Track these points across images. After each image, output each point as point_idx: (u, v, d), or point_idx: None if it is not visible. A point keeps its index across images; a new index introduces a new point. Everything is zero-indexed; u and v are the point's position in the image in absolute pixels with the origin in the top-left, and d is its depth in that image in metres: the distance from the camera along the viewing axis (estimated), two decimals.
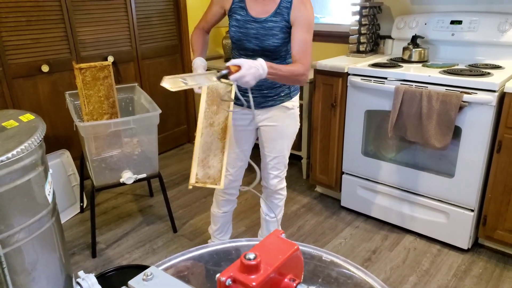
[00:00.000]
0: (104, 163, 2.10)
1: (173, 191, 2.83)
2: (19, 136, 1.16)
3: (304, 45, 1.55)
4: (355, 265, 0.78)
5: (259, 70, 1.38)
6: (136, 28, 3.02)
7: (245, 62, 1.36)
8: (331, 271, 0.77)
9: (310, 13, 1.56)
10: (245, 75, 1.35)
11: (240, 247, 0.83)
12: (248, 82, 1.37)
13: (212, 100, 1.59)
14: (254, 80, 1.39)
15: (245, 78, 1.35)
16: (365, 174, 2.41)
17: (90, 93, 2.05)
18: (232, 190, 1.96)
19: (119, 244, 2.29)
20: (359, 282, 0.75)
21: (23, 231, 1.13)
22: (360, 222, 2.48)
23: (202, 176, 1.57)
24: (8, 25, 2.39)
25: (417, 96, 2.03)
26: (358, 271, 0.77)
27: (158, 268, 0.76)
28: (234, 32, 1.65)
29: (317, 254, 0.81)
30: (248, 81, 1.36)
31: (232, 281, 0.57)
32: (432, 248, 2.21)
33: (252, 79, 1.38)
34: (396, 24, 2.55)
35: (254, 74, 1.37)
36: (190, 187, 1.55)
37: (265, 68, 1.40)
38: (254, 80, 1.39)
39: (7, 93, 2.47)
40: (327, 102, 2.43)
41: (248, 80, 1.36)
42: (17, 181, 1.11)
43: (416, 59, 2.36)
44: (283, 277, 0.61)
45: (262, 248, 0.61)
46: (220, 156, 1.60)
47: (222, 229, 2.08)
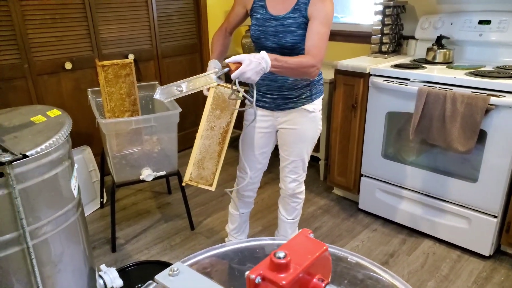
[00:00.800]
0: (124, 160, 2.13)
1: (190, 189, 2.85)
2: (47, 131, 1.18)
3: (318, 37, 1.50)
4: (381, 267, 0.77)
5: (261, 64, 1.33)
6: (156, 26, 3.05)
7: (245, 57, 1.32)
8: (356, 272, 0.76)
9: (328, 7, 1.51)
10: (245, 71, 1.30)
11: (264, 245, 0.83)
12: (250, 78, 1.32)
13: (217, 105, 1.61)
14: (256, 75, 1.34)
15: (246, 74, 1.31)
16: (384, 177, 2.38)
17: (112, 90, 2.08)
18: (249, 192, 1.96)
19: (138, 239, 2.31)
20: (385, 284, 0.74)
21: (50, 223, 1.16)
22: (378, 225, 2.45)
23: (195, 176, 1.64)
24: (34, 23, 2.44)
25: (441, 98, 1.99)
26: (384, 274, 0.76)
27: (183, 264, 0.77)
28: (253, 30, 1.66)
29: (342, 256, 0.80)
30: (249, 77, 1.32)
31: (262, 279, 0.57)
32: (452, 254, 2.17)
33: (254, 75, 1.32)
34: (421, 24, 2.51)
35: (254, 69, 1.32)
36: (184, 184, 1.63)
37: (268, 61, 1.35)
38: (256, 75, 1.33)
39: (32, 89, 2.53)
40: (347, 103, 2.41)
41: (249, 76, 1.31)
42: (45, 175, 1.13)
43: (440, 60, 2.31)
44: (311, 277, 0.61)
45: (291, 247, 0.61)
46: (216, 160, 1.65)
47: (239, 228, 2.08)
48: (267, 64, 1.35)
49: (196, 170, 1.62)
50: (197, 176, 1.63)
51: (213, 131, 1.61)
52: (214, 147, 1.63)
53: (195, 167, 1.61)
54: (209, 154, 1.63)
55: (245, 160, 1.85)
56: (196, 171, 1.62)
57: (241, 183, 1.91)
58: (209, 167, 1.64)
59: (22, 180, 1.07)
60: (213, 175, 1.64)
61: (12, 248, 1.10)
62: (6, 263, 1.10)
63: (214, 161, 1.64)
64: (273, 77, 1.67)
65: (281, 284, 0.55)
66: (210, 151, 1.63)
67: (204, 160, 1.62)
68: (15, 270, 1.12)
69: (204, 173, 1.64)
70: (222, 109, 1.60)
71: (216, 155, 1.64)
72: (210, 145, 1.61)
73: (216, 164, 1.64)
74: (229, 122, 1.62)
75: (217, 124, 1.61)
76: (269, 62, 1.36)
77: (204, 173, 1.64)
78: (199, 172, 1.63)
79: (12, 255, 1.10)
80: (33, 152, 1.08)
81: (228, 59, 1.34)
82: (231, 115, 1.62)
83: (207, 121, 1.58)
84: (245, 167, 1.87)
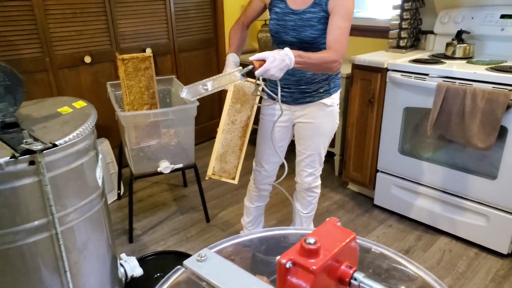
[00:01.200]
0: (142, 152, 2.16)
1: (206, 182, 2.88)
2: (74, 122, 1.21)
3: (339, 32, 1.49)
4: (406, 258, 0.78)
5: (285, 60, 1.33)
6: (173, 20, 3.07)
7: (269, 55, 1.32)
8: (381, 262, 0.77)
9: (349, 1, 1.51)
10: (269, 68, 1.31)
11: (288, 235, 0.84)
12: (274, 75, 1.33)
13: (237, 99, 1.62)
14: (280, 72, 1.34)
15: (270, 71, 1.31)
16: (401, 172, 2.37)
17: (131, 83, 2.11)
18: (265, 185, 1.97)
19: (154, 231, 2.35)
20: (410, 274, 0.75)
21: (76, 211, 1.19)
22: (393, 221, 2.44)
23: (218, 170, 1.67)
24: (55, 17, 2.49)
25: (460, 93, 1.97)
26: (409, 264, 0.77)
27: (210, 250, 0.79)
28: (272, 25, 1.65)
29: (366, 246, 0.81)
30: (273, 74, 1.32)
31: (292, 264, 0.58)
32: (468, 251, 2.16)
33: (278, 71, 1.33)
34: (440, 19, 2.48)
35: (278, 66, 1.32)
36: (207, 178, 1.68)
37: (292, 58, 1.35)
38: (280, 72, 1.34)
39: (53, 82, 2.58)
40: (364, 97, 2.40)
41: (273, 73, 1.32)
42: (72, 164, 1.16)
43: (460, 55, 2.29)
44: (339, 264, 0.62)
45: (320, 234, 0.62)
46: (237, 153, 1.68)
47: (255, 221, 2.10)
48: (290, 60, 1.35)
49: (218, 164, 1.65)
50: (219, 169, 1.66)
51: (234, 125, 1.63)
52: (235, 140, 1.65)
53: (218, 161, 1.64)
54: (231, 148, 1.65)
55: (261, 154, 1.87)
56: (219, 165, 1.65)
57: (257, 177, 1.92)
58: (231, 160, 1.67)
59: (51, 169, 1.10)
60: (236, 169, 1.67)
61: (41, 234, 1.13)
62: (35, 248, 1.14)
63: (236, 155, 1.67)
64: (291, 71, 1.65)
65: (312, 269, 0.57)
66: (232, 145, 1.65)
67: (226, 154, 1.65)
68: (43, 255, 1.15)
69: (227, 167, 1.67)
70: (242, 103, 1.62)
71: (238, 148, 1.67)
72: (231, 139, 1.63)
73: (238, 157, 1.67)
74: (249, 115, 1.63)
75: (238, 118, 1.63)
76: (292, 58, 1.36)
77: (226, 167, 1.67)
78: (222, 166, 1.66)
79: (41, 240, 1.14)
80: (61, 141, 1.11)
81: (252, 56, 1.35)
82: (251, 109, 1.63)
83: (228, 115, 1.60)
84: (261, 161, 1.88)
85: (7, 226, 1.09)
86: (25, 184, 1.08)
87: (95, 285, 1.32)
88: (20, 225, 1.11)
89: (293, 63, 1.37)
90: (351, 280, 0.61)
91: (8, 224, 1.09)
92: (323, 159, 1.87)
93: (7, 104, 1.20)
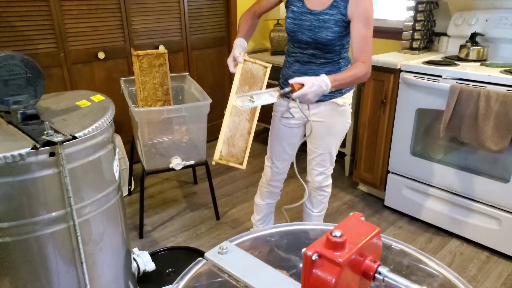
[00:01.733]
0: (154, 148, 2.17)
1: (216, 179, 2.89)
2: (92, 115, 1.23)
3: (364, 42, 1.52)
4: (426, 255, 0.78)
5: (322, 87, 1.40)
6: (187, 18, 3.09)
7: (308, 80, 1.38)
8: (402, 259, 0.78)
9: (369, 6, 1.51)
10: (307, 93, 1.38)
11: (308, 230, 0.85)
12: (310, 99, 1.40)
13: (245, 80, 1.58)
14: (316, 97, 1.41)
15: (307, 96, 1.38)
16: (412, 174, 2.36)
17: (145, 79, 2.13)
18: (276, 182, 1.97)
19: (164, 227, 2.37)
20: (431, 271, 0.75)
21: (93, 204, 1.20)
22: (404, 223, 2.43)
23: (226, 154, 1.58)
24: (71, 13, 2.51)
25: (474, 96, 1.96)
26: (429, 261, 0.77)
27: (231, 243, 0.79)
28: (289, 23, 1.64)
29: (386, 243, 0.81)
30: (310, 98, 1.40)
31: (318, 256, 0.59)
32: (480, 255, 2.14)
33: (314, 97, 1.40)
34: (454, 21, 2.47)
35: (316, 91, 1.39)
36: (214, 163, 1.58)
37: (328, 84, 1.42)
38: (316, 97, 1.41)
39: (67, 77, 2.61)
40: (376, 98, 2.40)
41: (310, 98, 1.39)
42: (90, 157, 1.17)
43: (473, 58, 2.28)
44: (364, 259, 0.62)
45: (345, 228, 0.63)
46: (246, 137, 1.61)
47: (265, 219, 2.11)
48: (327, 87, 1.42)
49: (226, 147, 1.58)
50: (227, 154, 1.59)
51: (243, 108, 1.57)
52: (243, 124, 1.60)
53: (225, 145, 1.57)
54: (239, 131, 1.60)
55: (272, 151, 1.88)
56: (226, 148, 1.58)
57: (268, 173, 1.93)
58: (239, 144, 1.61)
59: (70, 161, 1.12)
60: (244, 153, 1.61)
61: (59, 225, 1.15)
62: (52, 239, 1.15)
63: (244, 138, 1.61)
64: (303, 69, 1.68)
65: (338, 262, 0.57)
66: (240, 128, 1.60)
67: (234, 137, 1.59)
68: (60, 246, 1.17)
69: (235, 151, 1.60)
70: (250, 85, 1.59)
71: (246, 132, 1.61)
72: (239, 122, 1.59)
73: (246, 141, 1.61)
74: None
75: None
76: (329, 84, 1.42)
77: (234, 151, 1.59)
78: (229, 150, 1.59)
79: (59, 231, 1.15)
80: (81, 134, 1.13)
81: (292, 79, 1.41)
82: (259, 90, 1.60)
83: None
84: (272, 158, 1.89)
85: (26, 216, 1.11)
86: (45, 175, 1.09)
87: (110, 278, 1.33)
88: (39, 216, 1.12)
89: (329, 88, 1.43)
90: (375, 274, 0.61)
91: (27, 214, 1.11)
92: (334, 158, 1.87)
93: (28, 96, 1.21)
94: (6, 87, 1.18)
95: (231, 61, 1.59)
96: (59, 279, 1.19)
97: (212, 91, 3.40)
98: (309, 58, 1.65)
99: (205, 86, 3.27)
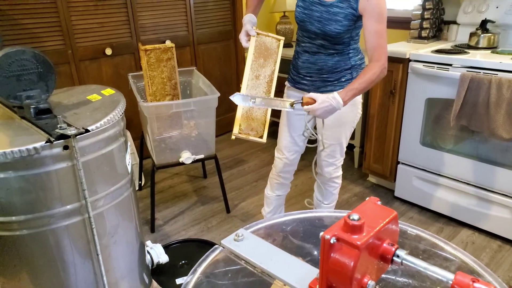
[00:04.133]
0: (163, 143, 2.18)
1: (225, 174, 2.90)
2: (104, 108, 1.23)
3: (377, 37, 1.49)
4: (442, 240, 0.78)
5: (332, 104, 1.41)
6: (193, 13, 3.08)
7: (319, 97, 1.41)
8: (418, 243, 0.77)
9: (380, 1, 1.48)
10: (317, 109, 1.41)
11: (323, 217, 0.85)
12: (320, 115, 1.44)
13: (259, 53, 1.59)
14: (327, 114, 1.44)
15: (316, 112, 1.42)
16: (422, 164, 2.35)
17: (153, 74, 2.14)
18: (287, 174, 1.97)
19: (175, 221, 2.38)
20: (448, 255, 0.75)
21: (107, 197, 1.22)
22: (414, 213, 2.42)
23: (245, 128, 1.58)
24: (77, 9, 2.52)
25: (485, 84, 1.94)
26: (446, 245, 0.77)
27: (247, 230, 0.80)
28: (298, 12, 1.63)
29: (401, 228, 0.81)
30: (319, 114, 1.43)
31: (336, 240, 0.59)
32: (492, 244, 2.13)
33: (324, 113, 1.43)
34: (463, 8, 2.44)
35: (325, 108, 1.41)
36: (233, 138, 1.58)
37: (340, 102, 1.43)
38: (326, 114, 1.44)
39: (74, 74, 2.62)
40: (385, 88, 2.38)
41: (319, 114, 1.43)
42: (103, 150, 1.18)
43: (484, 45, 2.25)
44: (381, 242, 0.62)
45: (362, 211, 0.63)
46: (264, 110, 1.59)
47: (275, 211, 2.11)
48: (338, 104, 1.43)
49: (245, 121, 1.57)
50: (247, 127, 1.58)
51: (259, 80, 1.60)
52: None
53: (244, 119, 1.56)
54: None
55: (283, 142, 1.87)
56: (246, 122, 1.57)
57: (279, 164, 1.93)
58: (258, 117, 1.59)
59: (83, 154, 1.13)
60: (263, 126, 1.59)
61: (74, 218, 1.16)
62: (68, 232, 1.17)
63: (262, 111, 1.59)
64: (312, 59, 1.67)
65: (356, 244, 0.57)
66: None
67: (252, 110, 1.58)
68: (76, 239, 1.18)
69: (254, 124, 1.59)
70: (265, 57, 1.60)
71: None
72: (257, 94, 1.58)
73: (264, 114, 1.59)
74: (273, 70, 1.61)
75: (261, 73, 1.60)
76: (341, 102, 1.43)
77: (254, 124, 1.59)
78: (249, 123, 1.58)
79: (74, 224, 1.17)
80: (93, 127, 1.13)
81: (307, 94, 1.44)
82: (274, 63, 1.61)
83: (251, 69, 1.57)
84: (282, 149, 1.89)
85: (42, 209, 1.12)
86: (59, 168, 1.10)
87: (125, 270, 1.34)
88: (54, 209, 1.13)
89: (342, 105, 1.44)
90: (393, 257, 0.61)
91: (43, 207, 1.12)
92: (344, 149, 1.86)
93: (40, 91, 1.22)
94: (19, 82, 1.19)
95: (243, 36, 1.62)
96: (76, 271, 1.21)
97: (219, 85, 3.39)
98: (318, 49, 1.64)
99: (212, 80, 3.26)
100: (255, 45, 1.56)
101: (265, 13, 3.54)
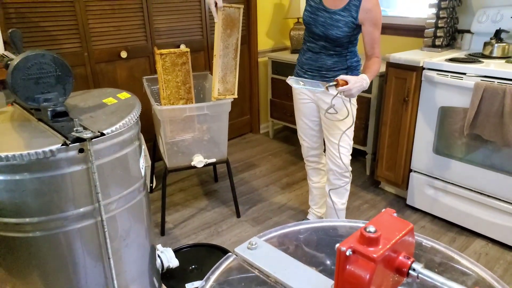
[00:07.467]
0: (176, 146, 2.20)
1: (236, 178, 2.90)
2: (119, 112, 1.25)
3: (375, 41, 1.76)
4: (458, 253, 0.77)
5: (363, 84, 1.61)
6: (208, 17, 3.11)
7: (351, 78, 1.57)
8: (433, 256, 0.77)
9: (377, 13, 1.71)
10: (351, 88, 1.57)
11: (337, 226, 0.84)
12: (353, 94, 1.60)
13: (226, 25, 1.85)
14: (358, 92, 1.61)
15: (351, 91, 1.57)
16: (435, 173, 2.32)
17: (168, 78, 2.15)
18: (313, 157, 2.12)
19: (185, 224, 2.39)
20: (464, 269, 0.74)
21: (120, 200, 1.23)
22: (426, 222, 2.39)
23: (222, 90, 1.98)
24: (94, 13, 2.56)
25: (499, 93, 1.91)
26: (461, 259, 0.76)
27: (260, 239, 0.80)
28: (306, 16, 1.81)
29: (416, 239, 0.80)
30: (353, 93, 1.60)
31: (352, 252, 0.58)
32: (506, 255, 2.09)
33: (357, 92, 1.60)
34: (477, 18, 2.41)
35: (358, 87, 1.59)
36: (213, 99, 1.99)
37: (368, 82, 1.66)
38: (358, 92, 1.61)
39: (90, 76, 2.66)
40: (399, 96, 2.36)
41: (353, 93, 1.59)
42: (117, 154, 1.20)
43: (498, 55, 2.22)
44: (397, 255, 0.62)
45: (379, 223, 0.62)
46: (234, 73, 1.98)
47: (317, 201, 2.24)
48: (367, 83, 1.64)
49: (222, 85, 1.96)
50: (224, 90, 1.98)
51: (228, 49, 1.91)
52: (231, 62, 1.95)
53: (221, 83, 1.94)
54: (229, 70, 1.94)
55: (299, 127, 2.08)
56: (222, 86, 1.96)
57: (303, 149, 2.13)
58: (230, 80, 1.98)
59: (98, 157, 1.14)
60: (234, 85, 1.99)
61: (87, 220, 1.17)
62: (80, 234, 1.18)
63: (233, 74, 1.97)
64: (314, 58, 1.86)
65: (373, 257, 0.57)
66: (229, 66, 1.95)
67: (226, 76, 1.94)
68: (88, 241, 1.19)
69: (228, 86, 1.99)
70: (231, 27, 1.87)
71: (234, 68, 1.97)
72: (228, 61, 1.92)
73: (234, 76, 1.98)
74: (238, 37, 1.92)
75: (230, 42, 1.90)
76: (368, 82, 1.66)
77: (228, 86, 1.99)
78: (225, 86, 1.97)
79: (86, 227, 1.18)
80: (108, 131, 1.15)
81: (339, 77, 1.59)
82: (238, 31, 1.90)
83: (221, 40, 1.84)
84: (301, 134, 2.09)
85: (55, 211, 1.14)
86: (74, 171, 1.12)
87: (135, 273, 1.35)
88: (67, 211, 1.15)
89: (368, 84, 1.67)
90: (409, 270, 0.61)
91: (56, 209, 1.13)
92: (352, 141, 1.94)
93: (57, 94, 1.24)
94: (37, 85, 1.21)
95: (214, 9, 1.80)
96: (87, 273, 1.22)
97: None
98: (320, 49, 1.83)
99: None
100: (222, 18, 1.81)
101: (279, 19, 3.55)
